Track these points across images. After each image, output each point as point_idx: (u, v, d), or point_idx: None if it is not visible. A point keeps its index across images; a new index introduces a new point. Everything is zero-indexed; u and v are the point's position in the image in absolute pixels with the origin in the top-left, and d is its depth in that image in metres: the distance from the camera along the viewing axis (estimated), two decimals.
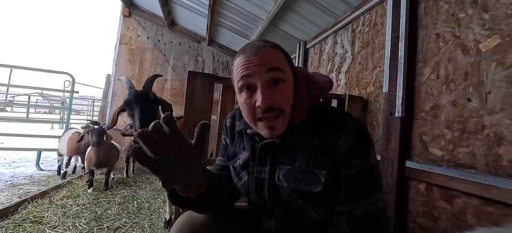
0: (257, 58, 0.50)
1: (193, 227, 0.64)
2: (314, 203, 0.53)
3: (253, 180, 0.60)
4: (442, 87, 1.06)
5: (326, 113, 0.56)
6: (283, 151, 0.56)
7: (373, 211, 0.49)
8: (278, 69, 0.51)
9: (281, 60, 0.52)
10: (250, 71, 0.50)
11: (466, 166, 0.93)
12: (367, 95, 1.53)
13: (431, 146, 1.08)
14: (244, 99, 0.52)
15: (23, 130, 3.83)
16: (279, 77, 0.51)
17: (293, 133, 0.55)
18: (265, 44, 0.53)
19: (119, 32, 3.38)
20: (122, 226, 1.64)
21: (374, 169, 0.52)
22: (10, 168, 2.98)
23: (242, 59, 0.52)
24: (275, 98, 0.50)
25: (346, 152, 0.49)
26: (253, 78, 0.50)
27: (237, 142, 0.66)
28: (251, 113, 0.53)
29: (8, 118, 4.51)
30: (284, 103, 0.51)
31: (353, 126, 0.52)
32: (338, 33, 1.93)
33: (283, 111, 0.51)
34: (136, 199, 2.16)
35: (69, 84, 3.56)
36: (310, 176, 0.52)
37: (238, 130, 0.66)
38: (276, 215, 0.60)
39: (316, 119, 0.55)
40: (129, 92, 1.43)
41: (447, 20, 1.07)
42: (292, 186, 0.54)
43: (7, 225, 1.49)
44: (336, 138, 0.51)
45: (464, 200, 0.93)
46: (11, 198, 1.98)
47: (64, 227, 1.55)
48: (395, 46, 1.25)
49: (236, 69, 0.53)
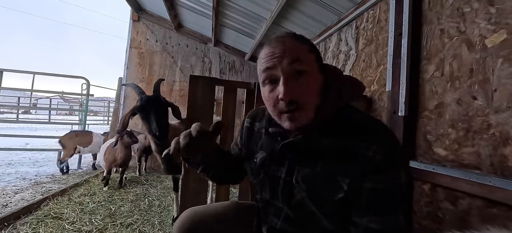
0: (279, 50, 0.49)
1: (195, 221, 0.68)
2: (329, 210, 0.51)
3: (268, 179, 0.60)
4: (447, 84, 1.02)
5: (355, 118, 0.53)
6: (304, 153, 0.54)
7: (393, 229, 0.46)
8: (301, 61, 0.48)
9: (305, 52, 0.50)
10: (273, 63, 0.49)
11: (470, 167, 0.90)
12: (371, 93, 1.50)
13: (436, 145, 1.05)
14: (267, 92, 0.51)
15: (46, 131, 4.09)
16: (302, 69, 0.48)
17: (317, 134, 0.53)
18: (289, 35, 0.52)
19: (129, 37, 3.51)
20: (134, 222, 1.73)
21: (401, 187, 0.47)
22: (34, 167, 3.21)
23: (265, 51, 0.51)
24: (298, 90, 0.48)
25: (375, 165, 0.46)
26: (275, 69, 0.49)
27: (256, 141, 0.66)
28: (274, 105, 0.51)
29: (32, 121, 4.83)
30: (307, 96, 0.49)
31: (386, 138, 0.48)
32: (342, 30, 1.89)
33: (305, 104, 0.49)
34: (147, 197, 2.26)
35: (86, 87, 3.76)
36: (331, 183, 0.50)
37: (258, 129, 0.67)
38: (285, 216, 0.58)
39: (343, 123, 0.52)
40: (141, 98, 1.49)
41: (452, 15, 1.03)
42: (310, 190, 0.52)
43: (31, 221, 1.62)
44: (365, 147, 0.47)
45: (468, 202, 0.90)
46: (34, 195, 2.14)
47: (81, 223, 1.66)
48: (398, 43, 1.22)
49: (259, 61, 0.52)
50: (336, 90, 0.53)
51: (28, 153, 3.98)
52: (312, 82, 0.50)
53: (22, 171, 2.97)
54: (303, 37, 0.53)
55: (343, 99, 0.54)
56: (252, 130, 0.69)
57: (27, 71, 3.80)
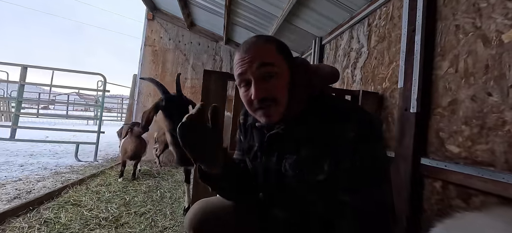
0: (249, 56, 0.54)
1: (206, 212, 0.69)
2: (318, 192, 0.55)
3: (262, 169, 0.64)
4: (461, 81, 1.01)
5: (330, 103, 0.58)
6: (289, 141, 0.58)
7: (378, 202, 0.50)
8: (269, 64, 0.54)
9: (273, 54, 0.55)
10: (244, 68, 0.54)
11: (484, 164, 0.89)
12: (383, 90, 1.49)
13: (448, 143, 1.04)
14: (242, 93, 0.58)
15: (64, 125, 4.30)
16: (270, 71, 0.54)
17: (296, 123, 0.57)
18: (257, 40, 0.57)
19: (143, 35, 3.63)
20: (147, 212, 1.81)
21: (379, 159, 0.52)
22: (54, 159, 3.38)
23: (237, 57, 0.57)
24: (268, 90, 0.54)
25: (350, 142, 0.50)
26: (246, 74, 0.54)
27: (250, 136, 0.70)
28: (249, 104, 0.57)
29: (51, 115, 5.09)
30: (276, 94, 0.54)
31: (357, 117, 0.53)
32: (354, 27, 1.89)
33: (276, 100, 0.54)
34: (159, 189, 2.34)
35: (101, 84, 3.92)
36: (313, 165, 0.54)
37: (248, 124, 0.71)
38: (284, 205, 0.62)
39: (319, 109, 0.57)
40: (166, 97, 1.57)
41: (467, 11, 1.01)
42: (296, 175, 0.56)
43: (53, 206, 1.73)
44: (340, 128, 0.52)
45: (481, 199, 0.89)
46: (55, 184, 2.26)
47: (98, 210, 1.75)
48: (411, 39, 1.21)
49: (234, 67, 0.58)
50: (305, 82, 0.58)
51: (48, 145, 4.19)
52: (281, 80, 0.55)
53: (43, 162, 3.14)
54: (270, 39, 0.58)
55: (316, 88, 0.60)
56: (245, 125, 0.73)
57: (48, 67, 4.01)
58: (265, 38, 0.58)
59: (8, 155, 3.34)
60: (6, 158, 3.17)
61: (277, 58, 0.55)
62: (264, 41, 0.57)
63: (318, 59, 2.41)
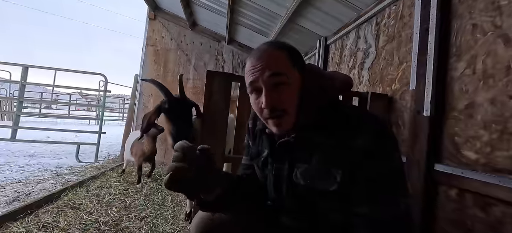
0: (260, 64, 0.53)
1: (213, 219, 0.67)
2: (330, 203, 0.54)
3: (272, 178, 0.63)
4: (479, 83, 0.95)
5: (344, 112, 0.56)
6: (300, 150, 0.57)
7: (395, 215, 0.48)
8: (279, 73, 0.53)
9: (284, 62, 0.54)
10: (255, 76, 0.54)
11: (505, 172, 0.84)
12: (392, 92, 1.44)
13: (465, 148, 0.99)
14: (253, 100, 0.57)
15: (66, 125, 4.28)
16: (280, 81, 0.53)
17: (308, 132, 0.56)
18: (269, 47, 0.56)
19: (145, 35, 3.60)
20: (148, 216, 1.76)
21: (397, 171, 0.50)
22: (55, 159, 3.36)
23: (249, 65, 0.56)
24: (278, 99, 0.53)
25: (365, 152, 0.49)
26: (258, 82, 0.54)
27: (258, 141, 0.69)
28: (260, 112, 0.57)
29: (53, 115, 5.07)
30: (286, 104, 0.54)
31: (373, 127, 0.51)
32: (361, 27, 1.83)
33: (286, 110, 0.54)
34: (160, 192, 2.30)
35: (103, 84, 3.89)
36: (325, 175, 0.52)
37: (257, 129, 0.70)
38: (294, 214, 0.60)
39: (332, 118, 0.56)
40: (169, 99, 1.47)
41: (486, 9, 0.96)
42: (308, 185, 0.55)
43: (52, 210, 1.68)
44: (353, 137, 0.50)
45: (502, 209, 0.83)
46: (55, 186, 2.23)
47: (98, 213, 1.70)
48: (424, 39, 1.15)
49: (245, 74, 0.58)
50: (317, 90, 0.57)
51: (49, 145, 4.17)
52: (292, 89, 0.54)
53: (44, 163, 3.12)
54: (282, 46, 0.56)
55: (328, 95, 0.58)
56: (255, 130, 0.72)
57: (49, 67, 3.98)
58: (277, 45, 0.57)
59: (9, 156, 3.32)
60: (6, 158, 3.15)
61: (288, 66, 0.54)
62: (276, 48, 0.56)
63: (322, 59, 2.36)
